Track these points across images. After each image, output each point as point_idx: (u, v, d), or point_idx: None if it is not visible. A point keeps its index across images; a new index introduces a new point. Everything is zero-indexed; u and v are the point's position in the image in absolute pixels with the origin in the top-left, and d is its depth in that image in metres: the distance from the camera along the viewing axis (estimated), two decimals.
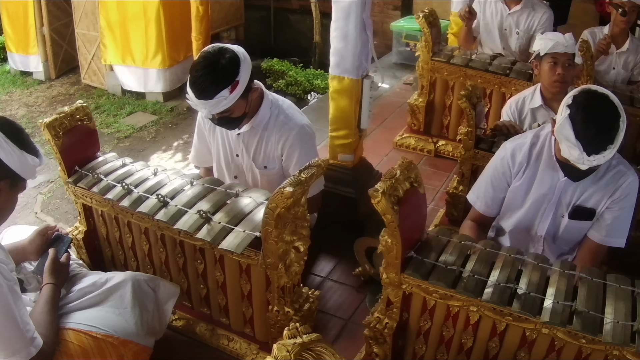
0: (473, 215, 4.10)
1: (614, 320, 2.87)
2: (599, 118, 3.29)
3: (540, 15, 6.91)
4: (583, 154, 3.25)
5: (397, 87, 9.05)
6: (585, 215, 3.80)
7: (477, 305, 3.09)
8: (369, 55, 5.00)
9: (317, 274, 4.80)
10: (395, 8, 11.92)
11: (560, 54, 4.78)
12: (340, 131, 5.12)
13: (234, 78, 3.79)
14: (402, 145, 6.97)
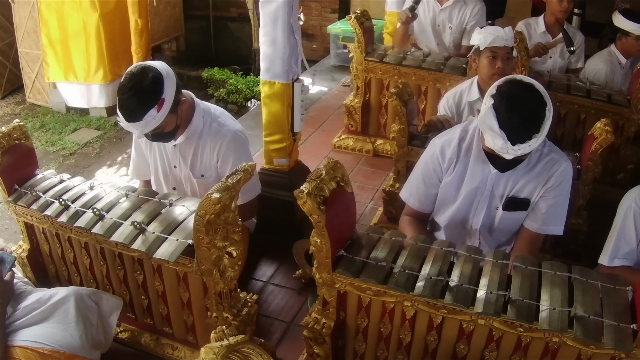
0: (408, 210, 4.11)
1: (550, 307, 2.90)
2: (523, 107, 3.31)
3: (471, 8, 6.98)
4: (507, 143, 3.27)
5: (335, 90, 9.14)
6: (520, 206, 3.83)
7: (410, 300, 3.10)
8: (299, 59, 5.04)
9: (258, 279, 4.81)
10: (333, 11, 12.05)
11: (500, 48, 4.84)
12: (274, 136, 5.14)
13: (160, 96, 3.82)
14: (341, 146, 7.02)
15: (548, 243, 4.93)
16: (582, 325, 2.85)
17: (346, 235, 3.35)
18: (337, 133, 7.19)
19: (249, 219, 4.77)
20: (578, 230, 4.91)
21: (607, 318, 2.88)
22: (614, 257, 3.95)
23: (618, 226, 3.99)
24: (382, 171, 6.39)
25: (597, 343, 2.84)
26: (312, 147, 7.07)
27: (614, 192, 4.32)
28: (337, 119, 7.63)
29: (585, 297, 2.98)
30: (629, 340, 2.83)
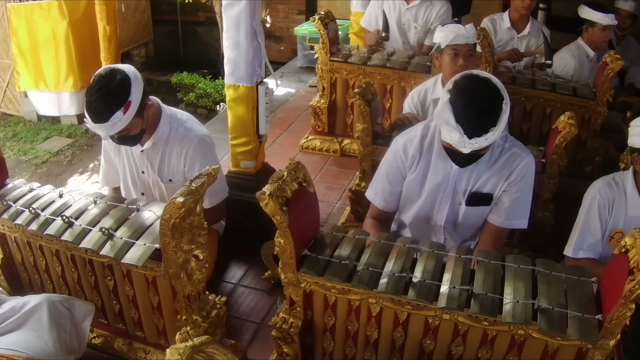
0: (373, 212, 4.11)
1: (513, 300, 2.93)
2: (479, 101, 3.33)
3: (438, 8, 6.99)
4: (464, 137, 3.29)
5: (302, 91, 9.15)
6: (483, 201, 3.85)
7: (375, 297, 3.13)
8: (263, 62, 5.06)
9: (228, 281, 4.82)
10: (300, 12, 12.06)
11: (462, 45, 4.84)
12: (240, 139, 5.16)
13: (126, 99, 3.85)
14: (308, 147, 7.04)
15: (515, 237, 4.98)
16: (546, 317, 2.88)
17: (310, 235, 3.37)
18: (305, 134, 7.22)
19: (218, 221, 4.80)
20: (545, 224, 4.94)
21: (572, 309, 2.91)
22: (579, 249, 4.01)
23: (582, 218, 4.05)
24: (350, 170, 6.40)
25: (562, 334, 2.88)
26: (280, 149, 7.10)
27: (581, 185, 4.31)
28: (304, 120, 7.65)
29: (549, 290, 3.01)
30: (595, 331, 2.87)
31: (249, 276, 4.88)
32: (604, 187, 4.04)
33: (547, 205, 4.98)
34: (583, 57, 6.80)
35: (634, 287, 2.72)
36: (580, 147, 6.08)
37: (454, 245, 3.50)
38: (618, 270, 2.90)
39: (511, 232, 4.29)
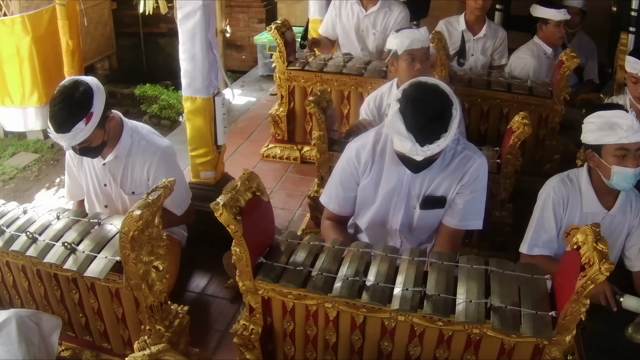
0: (329, 214, 4.15)
1: (466, 299, 2.99)
2: (428, 108, 3.36)
3: (396, 14, 7.03)
4: (416, 145, 3.31)
5: (263, 99, 9.18)
6: (437, 204, 3.88)
7: (331, 302, 3.18)
8: (219, 74, 5.14)
9: (192, 291, 4.88)
10: (260, 21, 12.03)
11: (418, 50, 4.89)
12: (199, 150, 5.22)
13: (89, 110, 3.90)
14: (269, 155, 7.09)
15: (474, 237, 5.05)
16: (499, 315, 2.94)
17: (265, 243, 3.43)
18: (266, 142, 7.26)
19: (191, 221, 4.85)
20: (503, 223, 5.02)
21: (525, 307, 2.97)
22: (534, 246, 4.09)
23: (537, 215, 4.13)
24: (310, 177, 6.41)
25: (515, 332, 2.94)
26: (241, 158, 7.15)
27: (540, 183, 4.36)
28: (265, 129, 7.67)
29: (502, 288, 3.07)
30: (548, 327, 2.93)
31: (212, 285, 4.93)
32: (558, 184, 4.12)
33: (504, 204, 5.05)
34: (541, 54, 6.88)
35: (586, 283, 2.78)
36: (539, 145, 6.14)
37: (407, 248, 3.54)
38: (570, 267, 2.96)
39: (470, 233, 4.35)
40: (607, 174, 3.91)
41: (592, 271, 2.76)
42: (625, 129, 3.77)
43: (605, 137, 3.84)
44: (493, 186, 4.84)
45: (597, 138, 3.88)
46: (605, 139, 3.84)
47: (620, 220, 4.15)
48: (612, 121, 3.83)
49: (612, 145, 3.84)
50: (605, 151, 3.87)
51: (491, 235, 5.06)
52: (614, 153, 3.84)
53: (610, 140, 3.83)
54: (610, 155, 3.86)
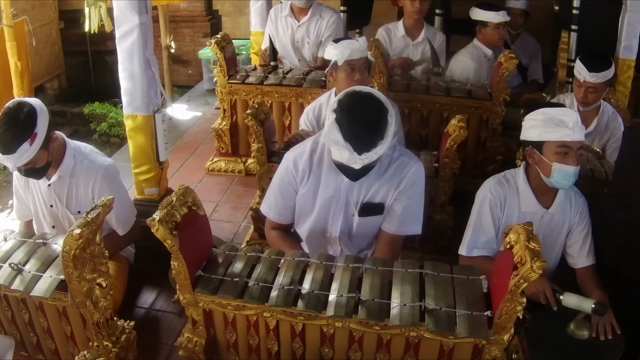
0: (272, 224, 4.18)
1: (400, 303, 3.04)
2: (364, 117, 3.41)
3: (327, 19, 7.10)
4: (354, 154, 3.36)
5: (209, 114, 9.17)
6: (375, 211, 3.92)
7: (269, 311, 3.22)
8: (158, 91, 5.18)
9: (140, 306, 4.89)
10: (205, 35, 12.04)
11: (357, 60, 4.90)
12: (142, 167, 5.25)
13: (33, 131, 3.93)
14: (214, 169, 7.08)
15: (417, 241, 5.07)
16: (434, 317, 3.00)
17: (203, 256, 3.47)
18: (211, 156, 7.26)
19: (136, 239, 4.83)
20: (444, 226, 5.06)
21: (460, 308, 3.04)
22: (473, 247, 4.13)
23: (475, 217, 4.17)
24: (254, 189, 6.30)
25: (450, 333, 3.00)
26: (187, 173, 7.16)
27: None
28: (211, 143, 7.61)
29: (437, 291, 3.13)
30: (484, 327, 3.00)
31: (160, 300, 4.95)
32: (494, 185, 4.17)
33: (445, 207, 5.09)
34: (481, 57, 6.92)
35: (519, 282, 2.85)
36: (481, 147, 6.20)
37: (342, 256, 3.59)
38: (504, 266, 3.03)
39: (412, 237, 4.37)
40: (547, 171, 3.96)
41: (524, 270, 2.83)
42: (571, 127, 3.82)
43: (548, 133, 3.88)
44: (432, 190, 4.89)
45: (540, 134, 3.92)
46: (549, 135, 3.88)
47: (560, 218, 4.21)
48: (557, 118, 3.88)
49: (554, 142, 3.89)
50: (547, 148, 3.92)
51: (433, 238, 5.09)
52: (556, 150, 3.89)
53: (554, 137, 3.87)
54: (551, 153, 3.90)
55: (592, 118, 5.46)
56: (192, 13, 12.17)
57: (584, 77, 5.18)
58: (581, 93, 5.26)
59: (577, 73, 5.24)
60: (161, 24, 9.90)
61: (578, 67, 5.24)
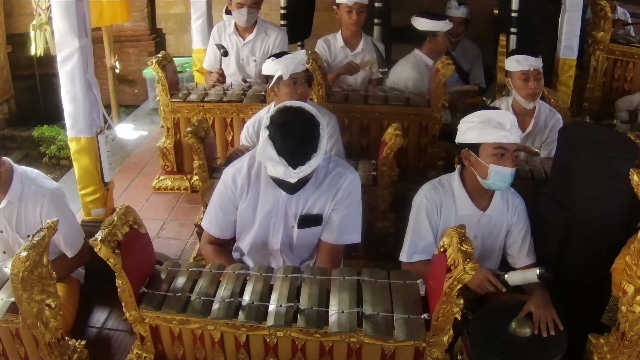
0: (210, 238, 4.20)
1: (338, 310, 3.12)
2: (296, 131, 3.48)
3: (274, 38, 7.09)
4: (289, 168, 3.43)
5: (155, 132, 9.17)
6: (313, 222, 3.99)
7: (212, 324, 3.29)
8: (100, 112, 5.24)
9: (92, 326, 4.92)
10: (150, 54, 11.97)
11: (299, 73, 4.99)
12: (88, 188, 5.30)
13: None
14: (160, 187, 7.12)
15: (360, 250, 5.14)
16: (372, 322, 3.09)
17: (146, 273, 3.53)
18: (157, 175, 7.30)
19: (85, 262, 4.84)
20: (386, 233, 5.15)
21: (398, 312, 3.13)
22: (413, 253, 4.20)
23: (412, 223, 4.25)
24: (200, 206, 6.39)
25: (389, 337, 3.08)
26: (135, 192, 7.19)
27: None
28: (157, 161, 7.57)
29: (374, 297, 3.22)
30: (422, 330, 3.09)
31: (112, 318, 4.99)
32: (430, 191, 4.25)
33: (386, 215, 5.16)
34: (422, 66, 6.94)
35: (453, 284, 2.94)
36: (422, 153, 6.28)
37: (281, 267, 3.67)
38: (439, 269, 3.11)
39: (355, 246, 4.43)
40: (484, 173, 4.04)
41: (457, 271, 2.92)
42: (508, 128, 3.92)
43: (486, 135, 3.97)
44: (372, 198, 4.97)
45: (477, 136, 4.00)
46: (486, 137, 3.97)
47: (497, 219, 4.30)
48: (495, 120, 3.97)
49: (491, 144, 3.98)
50: (484, 150, 4.01)
51: (376, 246, 5.18)
52: (492, 152, 3.98)
53: (491, 139, 3.96)
54: (488, 154, 3.99)
55: (530, 119, 5.58)
56: (136, 32, 12.17)
57: (529, 65, 5.31)
58: (531, 84, 5.36)
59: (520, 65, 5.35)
60: (105, 44, 9.88)
61: (519, 59, 5.37)
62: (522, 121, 5.36)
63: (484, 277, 4.01)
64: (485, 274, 4.02)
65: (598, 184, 4.11)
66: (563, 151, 4.38)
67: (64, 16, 4.83)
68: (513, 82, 5.50)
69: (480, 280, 4.01)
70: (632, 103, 7.45)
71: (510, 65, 5.50)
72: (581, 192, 4.20)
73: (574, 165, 4.20)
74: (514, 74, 5.46)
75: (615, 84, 7.95)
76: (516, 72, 5.41)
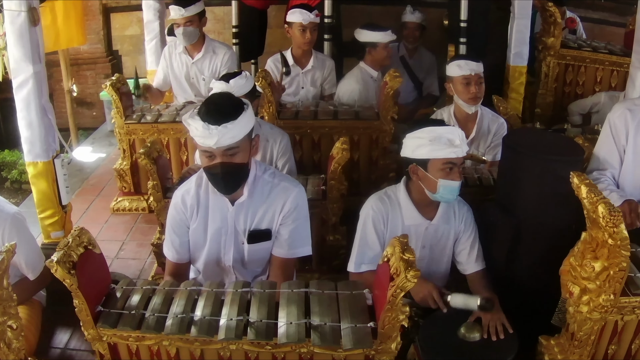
0: (169, 269, 4.28)
1: (287, 322, 3.22)
2: (220, 101, 3.75)
3: (222, 56, 7.21)
4: (206, 125, 3.56)
5: (113, 154, 9.15)
6: (263, 237, 4.10)
7: (167, 339, 3.38)
8: (56, 137, 5.36)
9: (56, 347, 4.98)
10: (107, 76, 11.72)
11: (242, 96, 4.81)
12: (46, 212, 5.39)
13: None
14: (119, 209, 7.19)
15: (314, 263, 5.30)
16: (319, 332, 3.19)
17: (102, 292, 3.60)
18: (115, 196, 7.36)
19: (47, 284, 4.89)
20: (338, 246, 5.28)
21: (345, 322, 3.23)
22: (361, 263, 4.33)
23: (359, 234, 4.37)
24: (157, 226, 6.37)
25: (337, 346, 3.19)
26: (94, 214, 7.26)
27: None
28: (116, 183, 7.57)
29: (321, 307, 3.32)
30: (368, 337, 3.19)
31: (74, 339, 5.05)
32: (376, 202, 4.37)
33: (337, 228, 5.30)
34: (367, 79, 7.07)
35: (396, 292, 3.06)
36: (374, 165, 6.40)
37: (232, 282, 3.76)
38: (383, 278, 3.22)
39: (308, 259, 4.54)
40: (432, 187, 4.17)
41: (399, 279, 3.03)
42: (457, 144, 4.05)
43: (436, 152, 4.07)
44: (322, 212, 5.13)
45: (428, 153, 4.10)
46: (437, 154, 4.08)
47: (445, 228, 4.43)
48: (445, 137, 4.08)
49: (441, 160, 4.09)
50: (433, 165, 4.12)
51: (329, 259, 5.32)
52: (441, 167, 4.10)
53: (441, 155, 4.07)
54: (437, 170, 4.11)
55: (472, 124, 5.76)
56: (93, 55, 12.17)
57: (470, 69, 5.46)
58: (472, 88, 5.51)
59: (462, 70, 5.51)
60: (62, 67, 9.91)
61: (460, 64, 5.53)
62: (465, 127, 5.48)
63: (429, 293, 4.15)
64: (431, 291, 4.15)
65: (544, 189, 4.24)
66: (508, 158, 4.52)
67: (18, 43, 4.96)
68: (455, 87, 5.64)
69: (424, 295, 4.16)
70: (584, 107, 7.61)
71: (451, 70, 5.63)
72: (527, 197, 4.33)
73: (519, 172, 4.33)
74: (455, 79, 5.60)
75: (568, 88, 8.14)
76: (458, 76, 5.55)
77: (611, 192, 4.45)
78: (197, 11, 7.01)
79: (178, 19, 6.94)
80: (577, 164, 4.25)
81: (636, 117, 4.46)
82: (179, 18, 6.92)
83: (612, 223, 3.25)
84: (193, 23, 7.01)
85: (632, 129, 4.47)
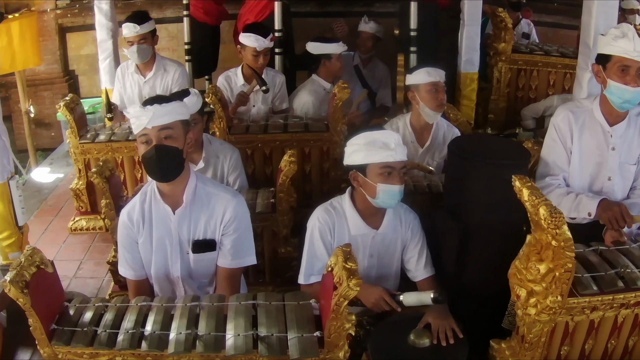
0: (131, 288, 4.34)
1: (235, 334, 3.29)
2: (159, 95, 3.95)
3: (172, 73, 7.28)
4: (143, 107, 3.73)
5: (70, 174, 9.09)
6: (207, 247, 4.16)
7: (120, 355, 3.42)
8: (10, 158, 5.38)
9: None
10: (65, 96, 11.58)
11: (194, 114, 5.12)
12: (3, 233, 5.40)
13: None
14: (76, 229, 7.22)
15: (267, 275, 5.40)
16: (266, 343, 3.26)
17: (56, 310, 3.63)
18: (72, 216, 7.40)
19: (4, 307, 4.96)
20: (289, 257, 5.35)
21: (291, 332, 3.30)
22: (310, 275, 4.41)
23: (307, 246, 4.45)
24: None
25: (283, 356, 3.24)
26: (52, 235, 7.28)
27: None
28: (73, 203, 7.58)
29: (268, 319, 3.39)
30: (314, 347, 3.26)
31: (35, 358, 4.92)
32: (322, 213, 4.46)
33: (288, 240, 5.39)
34: (320, 91, 7.16)
35: (339, 301, 3.15)
36: (325, 177, 6.49)
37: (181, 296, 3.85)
38: (328, 288, 3.30)
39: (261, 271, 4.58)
40: (372, 192, 4.25)
41: (342, 288, 3.11)
42: (392, 148, 4.14)
43: (372, 156, 4.17)
44: (273, 225, 5.22)
45: (364, 157, 4.20)
46: (372, 158, 4.17)
47: (392, 236, 4.52)
48: (380, 141, 4.17)
49: (378, 164, 4.18)
50: (371, 170, 4.21)
51: (282, 271, 5.40)
52: (379, 172, 4.19)
53: (377, 159, 4.16)
54: (375, 174, 4.20)
55: (428, 134, 5.84)
56: (50, 75, 12.13)
57: (439, 76, 5.60)
58: (440, 95, 5.61)
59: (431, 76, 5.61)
60: (19, 89, 9.95)
61: (429, 71, 5.63)
62: (421, 137, 5.61)
63: (379, 297, 4.22)
64: (381, 294, 4.22)
65: (490, 194, 4.32)
66: (453, 164, 4.64)
67: None
68: (420, 94, 5.67)
69: (375, 299, 4.23)
70: (537, 111, 7.73)
71: (417, 78, 5.69)
72: (474, 202, 4.42)
73: (465, 177, 4.44)
74: (421, 86, 5.65)
75: (520, 93, 8.28)
76: (425, 84, 5.61)
77: (578, 195, 4.49)
78: (150, 29, 7.09)
79: (131, 37, 7.00)
80: (522, 168, 4.33)
81: (579, 119, 4.55)
82: (133, 35, 6.98)
83: (554, 224, 3.29)
84: (147, 40, 7.08)
85: (576, 130, 4.54)
